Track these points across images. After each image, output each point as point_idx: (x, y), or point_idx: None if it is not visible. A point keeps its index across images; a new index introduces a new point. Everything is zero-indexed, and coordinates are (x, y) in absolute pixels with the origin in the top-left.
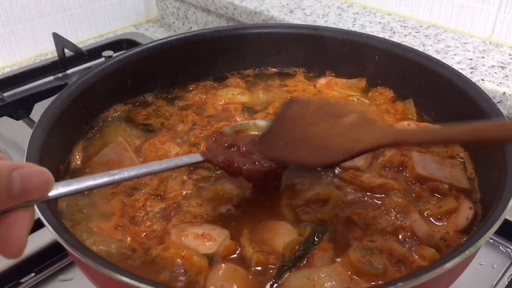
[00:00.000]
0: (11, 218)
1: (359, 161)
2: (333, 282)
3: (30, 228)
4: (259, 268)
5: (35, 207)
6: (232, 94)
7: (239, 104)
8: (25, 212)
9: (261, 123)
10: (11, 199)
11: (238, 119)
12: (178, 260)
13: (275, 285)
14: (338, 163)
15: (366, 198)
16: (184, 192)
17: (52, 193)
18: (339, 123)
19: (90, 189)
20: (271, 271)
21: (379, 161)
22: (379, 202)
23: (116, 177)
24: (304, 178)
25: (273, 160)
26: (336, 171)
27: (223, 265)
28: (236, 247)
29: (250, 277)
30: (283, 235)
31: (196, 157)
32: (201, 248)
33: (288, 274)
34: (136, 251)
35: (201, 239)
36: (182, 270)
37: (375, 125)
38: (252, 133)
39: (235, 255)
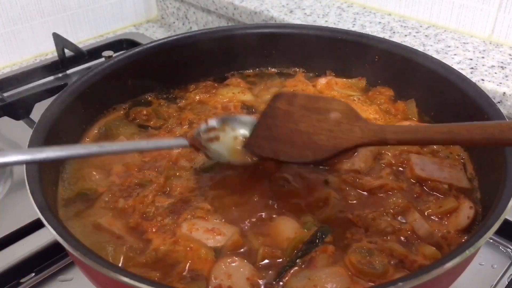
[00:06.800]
0: None
1: (360, 164)
2: (334, 283)
3: None
4: (265, 261)
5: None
6: (232, 93)
7: (238, 103)
8: None
9: (246, 118)
10: None
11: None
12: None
13: (276, 284)
14: (324, 160)
15: (366, 199)
16: (190, 190)
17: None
18: (325, 119)
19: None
20: (276, 267)
21: (380, 163)
22: (379, 203)
23: (104, 149)
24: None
25: (260, 157)
26: (337, 174)
27: (228, 258)
28: (244, 242)
29: (255, 271)
30: (288, 231)
31: (183, 142)
32: (210, 241)
33: (289, 273)
34: (148, 245)
35: (211, 233)
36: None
37: (360, 122)
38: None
39: (242, 250)
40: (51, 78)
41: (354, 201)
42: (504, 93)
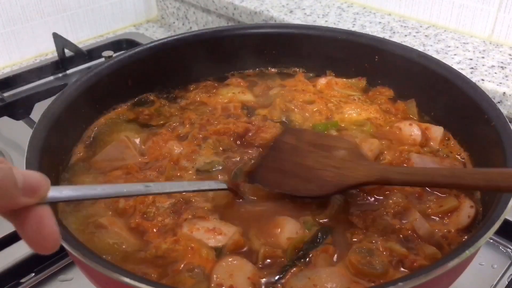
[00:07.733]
0: (37, 217)
1: None
2: (334, 283)
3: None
4: (266, 261)
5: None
6: (233, 93)
7: (238, 103)
8: (45, 208)
9: None
10: (18, 193)
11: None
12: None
13: (277, 284)
14: (329, 195)
15: (366, 199)
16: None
17: (55, 194)
18: (331, 156)
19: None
20: (276, 266)
21: (380, 163)
22: (379, 203)
23: (152, 187)
24: None
25: (266, 187)
26: None
27: (229, 258)
28: (244, 242)
29: (256, 270)
30: (289, 231)
31: (222, 185)
32: (211, 241)
33: (290, 273)
34: (149, 245)
35: (212, 233)
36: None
37: (364, 161)
38: None
39: (243, 250)
40: (51, 78)
41: (354, 201)
42: (504, 93)
